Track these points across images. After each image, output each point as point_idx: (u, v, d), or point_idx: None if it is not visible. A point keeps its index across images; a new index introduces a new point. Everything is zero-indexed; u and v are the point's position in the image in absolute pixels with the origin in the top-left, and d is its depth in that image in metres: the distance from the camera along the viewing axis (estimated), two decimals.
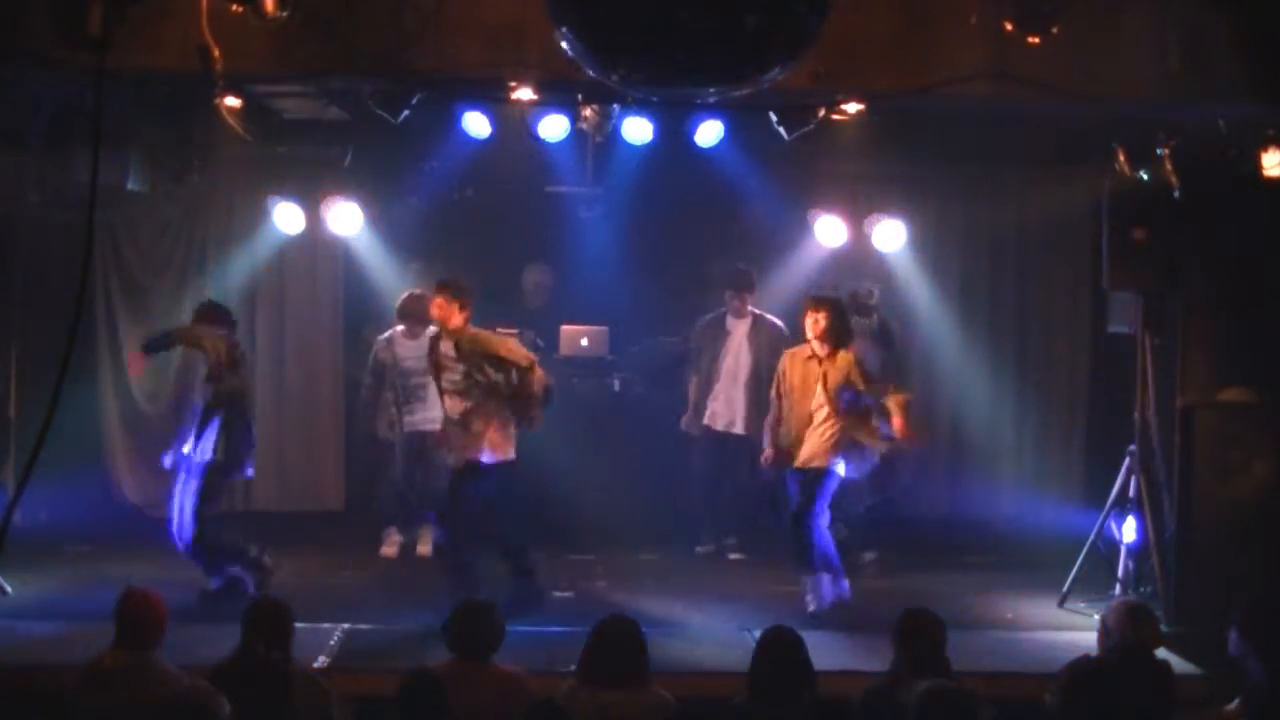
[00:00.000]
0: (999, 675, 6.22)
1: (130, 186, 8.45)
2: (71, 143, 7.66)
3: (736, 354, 9.03)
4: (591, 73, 3.60)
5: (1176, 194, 7.22)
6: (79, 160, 7.63)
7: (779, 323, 9.06)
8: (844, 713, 4.54)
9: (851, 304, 8.79)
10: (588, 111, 7.56)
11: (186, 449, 7.59)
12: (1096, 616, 5.39)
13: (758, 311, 9.14)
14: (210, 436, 7.51)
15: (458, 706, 4.52)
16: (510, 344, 7.46)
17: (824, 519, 7.43)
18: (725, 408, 9.04)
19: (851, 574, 7.70)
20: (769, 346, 8.51)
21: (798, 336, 7.92)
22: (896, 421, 7.27)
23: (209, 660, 5.00)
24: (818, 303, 7.56)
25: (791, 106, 7.20)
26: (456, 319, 7.23)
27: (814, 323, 7.47)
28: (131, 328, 9.61)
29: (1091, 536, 7.62)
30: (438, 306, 7.26)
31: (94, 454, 9.70)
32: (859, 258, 9.67)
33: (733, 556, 9.08)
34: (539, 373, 7.35)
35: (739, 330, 9.11)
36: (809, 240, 9.60)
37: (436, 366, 7.43)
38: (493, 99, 7.25)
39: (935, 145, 8.69)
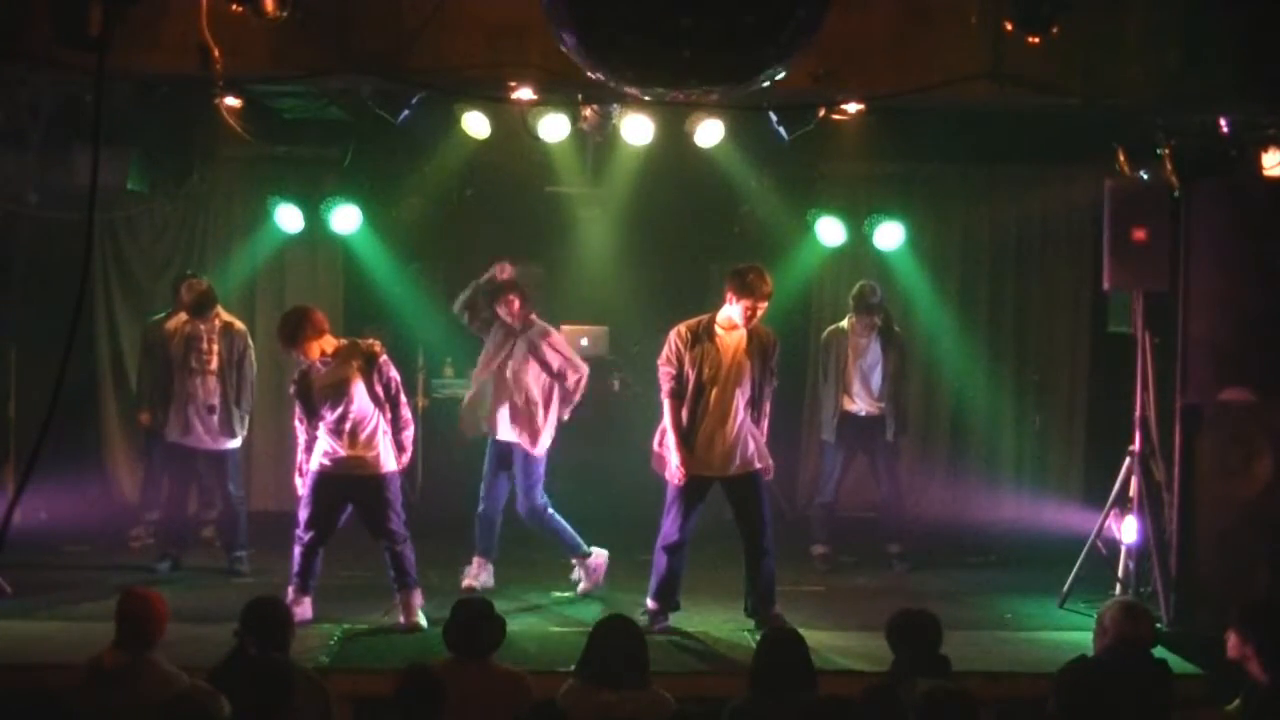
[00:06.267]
0: (999, 675, 6.21)
1: (130, 186, 8.45)
2: (71, 143, 7.67)
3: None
4: (594, 74, 3.60)
5: (1176, 194, 7.22)
6: (79, 160, 7.63)
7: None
8: (844, 713, 4.53)
9: (856, 301, 8.80)
10: (588, 111, 7.57)
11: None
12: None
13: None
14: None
15: (457, 706, 4.51)
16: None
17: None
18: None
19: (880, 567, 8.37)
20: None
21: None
22: None
23: (209, 660, 5.00)
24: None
25: (791, 106, 7.20)
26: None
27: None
28: (131, 328, 9.61)
29: (1091, 536, 7.60)
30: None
31: (94, 454, 9.71)
32: (859, 258, 9.68)
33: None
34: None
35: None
36: (809, 240, 9.60)
37: None
38: (493, 99, 7.25)
39: (935, 145, 8.69)
